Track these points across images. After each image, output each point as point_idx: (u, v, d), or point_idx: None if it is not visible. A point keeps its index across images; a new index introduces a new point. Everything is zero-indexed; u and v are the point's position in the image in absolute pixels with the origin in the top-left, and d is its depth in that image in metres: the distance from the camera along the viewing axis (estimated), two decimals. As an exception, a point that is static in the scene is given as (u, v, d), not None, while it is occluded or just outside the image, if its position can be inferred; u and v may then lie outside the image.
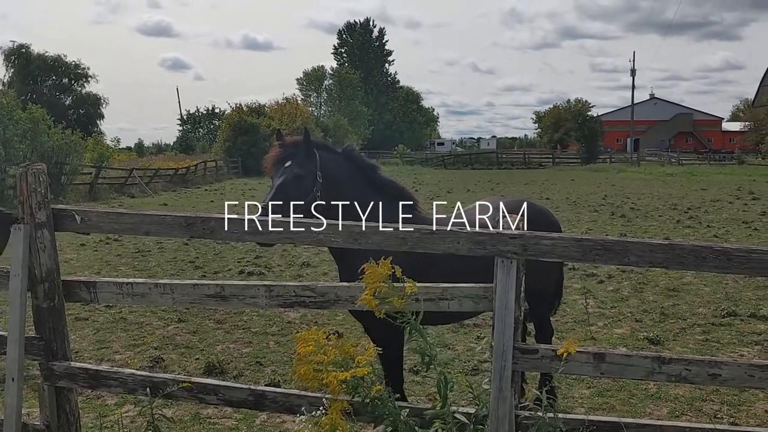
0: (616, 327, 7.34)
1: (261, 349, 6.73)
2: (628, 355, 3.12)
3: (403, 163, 62.67)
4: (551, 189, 29.81)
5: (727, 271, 3.01)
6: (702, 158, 61.43)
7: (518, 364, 3.12)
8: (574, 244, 3.00)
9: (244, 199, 25.51)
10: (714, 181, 35.25)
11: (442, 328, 6.91)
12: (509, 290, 3.04)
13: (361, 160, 4.36)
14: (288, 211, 3.82)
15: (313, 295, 3.30)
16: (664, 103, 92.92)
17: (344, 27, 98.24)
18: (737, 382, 3.12)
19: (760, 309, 7.88)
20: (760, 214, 18.14)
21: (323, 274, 10.39)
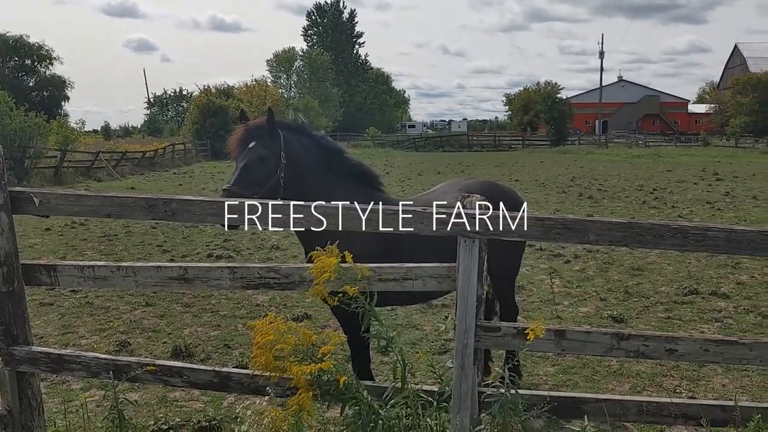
0: (581, 306, 7.47)
1: (229, 332, 6.71)
2: (588, 332, 3.18)
3: (375, 146, 62.54)
4: (521, 171, 30.05)
5: (684, 249, 3.08)
6: (668, 140, 62.47)
7: (481, 341, 3.16)
8: (535, 223, 3.04)
9: (213, 182, 25.27)
10: (680, 162, 35.87)
11: (410, 308, 6.97)
12: (472, 269, 3.07)
13: (326, 141, 4.34)
14: (252, 192, 3.80)
15: (277, 277, 3.29)
16: (631, 86, 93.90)
17: (314, 8, 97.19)
18: (693, 357, 3.20)
19: (720, 287, 8.08)
20: (723, 195, 18.53)
21: (293, 257, 10.37)
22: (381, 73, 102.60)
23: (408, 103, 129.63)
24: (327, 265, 3.10)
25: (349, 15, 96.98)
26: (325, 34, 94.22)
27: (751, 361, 3.16)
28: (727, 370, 5.40)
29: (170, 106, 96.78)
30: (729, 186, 21.24)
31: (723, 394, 5.00)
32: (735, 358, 3.17)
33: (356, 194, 4.02)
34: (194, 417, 4.59)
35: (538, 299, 7.73)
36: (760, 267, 9.10)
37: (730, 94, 69.82)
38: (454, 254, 3.20)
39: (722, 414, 3.20)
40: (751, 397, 4.93)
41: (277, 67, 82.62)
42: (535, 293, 7.99)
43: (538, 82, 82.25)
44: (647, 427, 4.29)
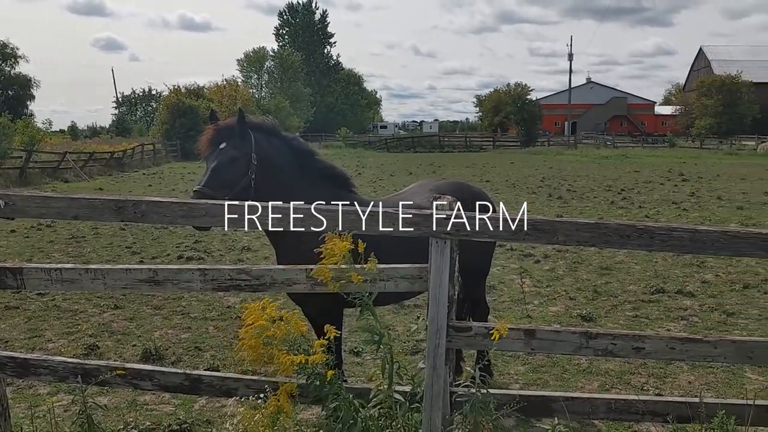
0: (551, 305, 7.56)
1: (200, 334, 6.65)
2: (558, 331, 3.23)
3: (346, 146, 62.47)
4: (491, 172, 30.27)
5: (650, 249, 3.14)
6: (635, 141, 63.43)
7: (452, 342, 3.19)
8: (504, 224, 3.08)
9: (183, 183, 25.01)
10: (646, 163, 36.48)
11: (382, 309, 6.99)
12: (443, 270, 3.09)
13: (297, 142, 4.33)
14: (223, 193, 3.78)
15: (248, 279, 3.28)
16: (600, 87, 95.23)
17: (286, 8, 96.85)
18: (660, 355, 3.27)
19: (686, 285, 8.24)
20: (689, 195, 18.90)
21: (264, 258, 10.31)
22: (352, 73, 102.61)
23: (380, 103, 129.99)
24: (339, 248, 3.07)
25: (321, 15, 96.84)
26: (296, 34, 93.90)
27: (715, 359, 3.24)
28: (693, 368, 5.52)
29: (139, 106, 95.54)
30: (694, 186, 21.67)
31: (689, 391, 5.10)
32: (700, 356, 3.25)
33: (328, 196, 4.02)
34: (165, 420, 4.54)
35: (509, 299, 7.80)
36: (724, 266, 9.30)
37: (695, 96, 71.17)
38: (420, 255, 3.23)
39: (688, 410, 3.27)
40: (715, 393, 5.04)
41: (247, 67, 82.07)
42: (506, 293, 8.07)
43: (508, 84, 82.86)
44: (616, 424, 4.36)
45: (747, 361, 3.30)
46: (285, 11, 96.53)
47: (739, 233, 3.03)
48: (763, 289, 8.08)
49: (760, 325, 6.75)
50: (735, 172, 28.95)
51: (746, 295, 7.90)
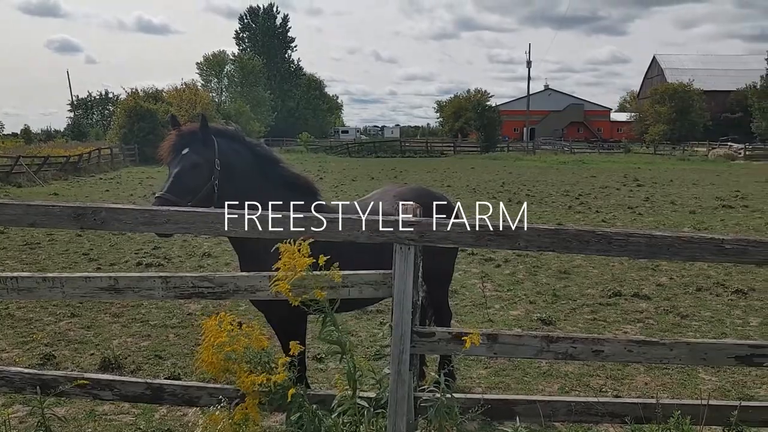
0: (511, 309, 7.66)
1: (160, 342, 6.56)
2: (519, 335, 3.28)
3: (308, 151, 62.22)
4: (452, 177, 30.51)
5: (608, 254, 3.21)
6: (592, 147, 64.76)
7: (416, 347, 3.21)
8: (468, 229, 3.12)
9: (141, 188, 24.59)
10: (603, 168, 37.25)
11: (345, 315, 6.99)
12: (407, 276, 3.12)
13: (261, 148, 4.31)
14: (185, 200, 3.74)
15: (211, 286, 3.25)
16: (557, 94, 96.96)
17: (247, 12, 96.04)
18: (618, 357, 3.35)
19: (642, 288, 8.44)
20: (643, 200, 19.37)
21: (225, 265, 10.21)
22: (314, 78, 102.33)
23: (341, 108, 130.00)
24: (300, 264, 3.05)
25: (282, 20, 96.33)
26: (257, 39, 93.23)
27: (671, 361, 3.33)
28: (649, 369, 5.65)
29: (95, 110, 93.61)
30: (649, 191, 22.22)
31: (645, 392, 5.23)
32: (656, 358, 3.33)
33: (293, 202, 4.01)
34: (124, 431, 4.46)
35: (471, 303, 7.88)
36: (678, 269, 9.55)
37: (649, 103, 73.04)
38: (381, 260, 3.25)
39: (645, 411, 3.36)
40: (671, 394, 5.18)
41: (207, 71, 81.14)
42: (468, 297, 8.14)
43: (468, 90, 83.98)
44: (576, 426, 4.44)
45: (701, 362, 3.40)
46: (245, 15, 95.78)
47: (692, 238, 3.12)
48: (715, 292, 8.33)
49: (713, 326, 6.96)
50: (687, 177, 29.78)
51: (699, 297, 8.13)
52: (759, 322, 7.11)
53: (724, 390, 5.25)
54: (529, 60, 74.32)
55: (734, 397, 5.04)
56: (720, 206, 17.80)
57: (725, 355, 3.28)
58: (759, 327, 6.96)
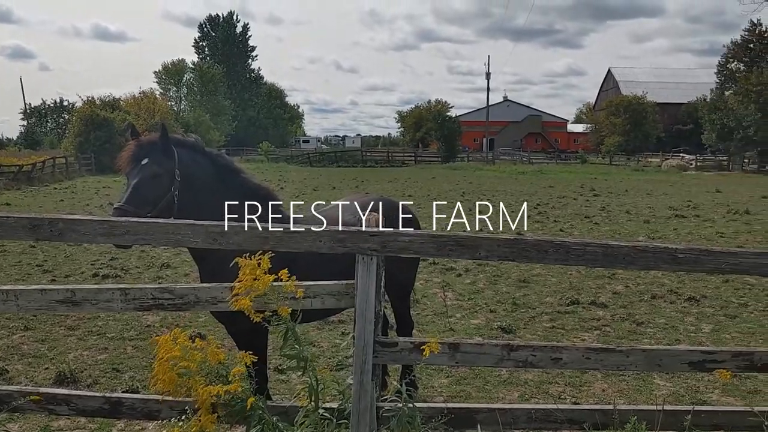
0: (472, 318, 7.73)
1: (118, 354, 6.43)
2: (480, 344, 3.33)
3: (268, 161, 61.83)
4: (413, 186, 30.67)
5: (566, 263, 3.28)
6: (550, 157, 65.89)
7: (379, 357, 3.23)
8: (429, 240, 3.15)
9: (98, 197, 24.09)
10: (560, 179, 37.90)
11: (307, 325, 6.96)
12: (369, 286, 3.13)
13: (222, 159, 4.29)
14: (144, 210, 3.69)
15: (171, 297, 3.22)
16: (516, 106, 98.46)
17: (206, 20, 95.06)
18: (576, 365, 3.42)
19: (599, 297, 8.62)
20: (600, 210, 19.76)
21: (184, 275, 10.07)
22: (274, 87, 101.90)
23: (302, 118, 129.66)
24: (262, 283, 3.03)
25: (242, 28, 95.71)
26: (216, 47, 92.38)
27: (627, 367, 3.41)
28: (606, 376, 5.77)
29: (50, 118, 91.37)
30: (605, 201, 22.70)
31: (603, 398, 5.33)
32: (613, 365, 3.41)
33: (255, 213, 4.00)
34: (80, 447, 4.36)
35: (432, 312, 7.92)
36: (633, 277, 9.77)
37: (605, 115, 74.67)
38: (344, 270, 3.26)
39: (603, 418, 3.43)
40: (628, 400, 5.29)
41: (166, 79, 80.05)
42: (429, 306, 8.19)
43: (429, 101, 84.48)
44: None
45: (656, 368, 3.49)
46: (205, 23, 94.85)
47: (647, 248, 3.22)
48: (669, 300, 8.54)
49: (667, 333, 7.14)
50: (642, 187, 30.51)
51: (654, 305, 8.33)
52: (711, 329, 7.31)
53: (678, 395, 5.39)
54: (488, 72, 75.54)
55: (688, 402, 5.18)
56: (673, 216, 18.27)
57: (679, 361, 3.38)
58: (711, 333, 7.16)
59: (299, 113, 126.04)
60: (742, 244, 13.41)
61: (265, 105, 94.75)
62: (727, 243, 13.47)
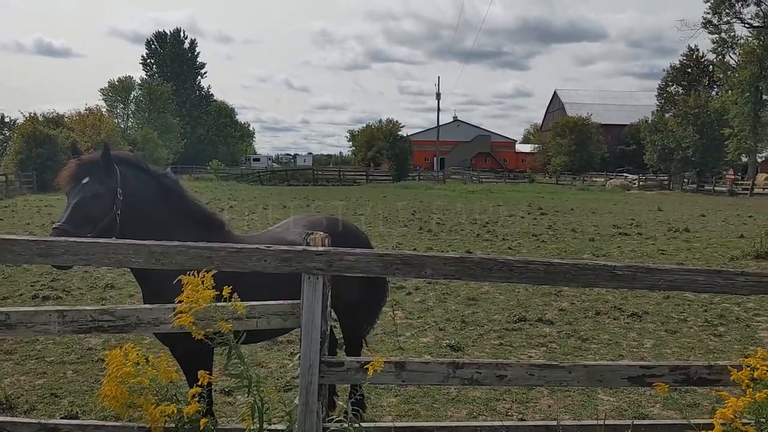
0: (422, 336, 7.76)
1: (57, 379, 6.21)
2: (426, 362, 3.35)
3: (218, 179, 61.09)
4: (365, 205, 30.71)
5: (510, 281, 3.35)
6: (499, 177, 67.16)
7: (325, 377, 3.21)
8: (375, 259, 3.17)
9: (39, 217, 23.34)
10: (509, 197, 38.57)
11: (255, 346, 6.87)
12: (315, 306, 3.13)
13: (167, 179, 4.22)
14: (85, 230, 3.61)
15: (112, 319, 3.14)
16: (465, 126, 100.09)
17: (154, 37, 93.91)
18: (521, 381, 3.47)
19: (545, 313, 8.76)
20: (547, 228, 20.17)
21: (129, 296, 9.82)
22: (224, 105, 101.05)
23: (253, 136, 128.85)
24: (203, 296, 2.98)
25: (190, 45, 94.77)
26: (165, 64, 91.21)
27: (570, 383, 3.48)
28: (553, 392, 5.85)
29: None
30: (552, 220, 23.17)
31: (549, 414, 5.41)
32: (557, 381, 3.47)
33: (197, 233, 3.94)
34: (15, 476, 4.18)
35: (382, 331, 7.92)
36: (578, 294, 9.98)
37: (551, 135, 76.58)
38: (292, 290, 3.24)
39: (547, 433, 3.49)
40: (572, 415, 5.38)
41: (113, 96, 78.53)
42: (379, 325, 8.16)
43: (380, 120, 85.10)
44: (483, 450, 4.52)
45: (598, 384, 3.57)
46: (152, 40, 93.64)
47: (587, 265, 3.30)
48: (612, 316, 8.75)
49: (610, 349, 7.30)
50: (587, 206, 31.29)
51: (598, 321, 8.52)
52: (652, 344, 7.52)
53: (620, 410, 5.51)
54: (438, 92, 76.72)
55: (630, 416, 5.29)
56: (617, 234, 18.77)
57: (619, 376, 3.47)
58: (652, 348, 7.36)
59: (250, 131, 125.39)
60: (682, 261, 13.87)
61: (215, 123, 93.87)
62: (668, 260, 13.90)
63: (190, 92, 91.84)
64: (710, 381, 3.48)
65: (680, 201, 39.11)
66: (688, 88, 72.26)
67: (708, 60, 71.71)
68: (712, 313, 8.95)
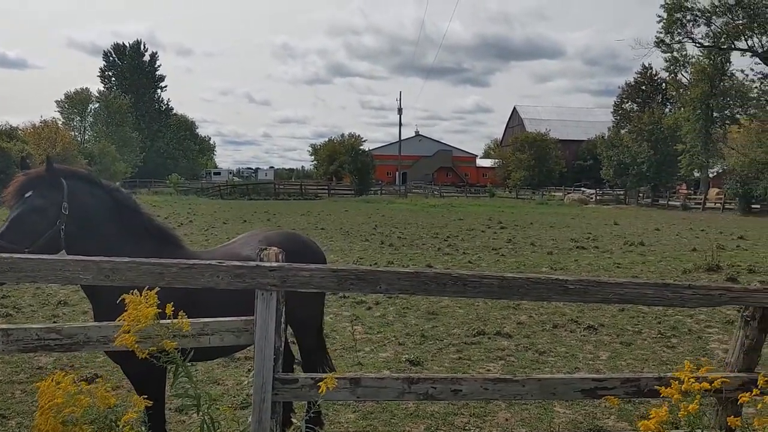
0: (381, 351, 7.74)
1: (5, 400, 6.01)
2: (381, 378, 3.34)
3: (178, 193, 60.28)
4: (326, 219, 30.64)
5: (465, 295, 3.37)
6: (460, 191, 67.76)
7: (279, 394, 3.18)
8: (330, 274, 3.16)
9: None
10: (470, 212, 38.93)
11: (211, 363, 6.77)
12: (269, 322, 3.10)
13: (118, 193, 4.14)
14: (23, 245, 3.51)
15: (59, 338, 3.06)
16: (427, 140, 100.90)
17: (112, 49, 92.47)
18: (476, 396, 3.49)
19: (504, 327, 8.84)
20: (506, 242, 20.39)
21: (83, 314, 9.58)
22: (185, 118, 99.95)
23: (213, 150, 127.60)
24: (144, 315, 2.92)
25: (150, 58, 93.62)
26: (123, 77, 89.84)
27: (524, 396, 3.52)
28: (510, 405, 5.89)
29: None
30: (511, 234, 23.44)
31: (506, 428, 5.44)
32: (511, 394, 3.50)
33: (150, 249, 3.88)
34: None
35: (341, 347, 7.88)
36: (536, 307, 10.09)
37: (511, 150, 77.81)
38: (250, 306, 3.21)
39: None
40: (529, 429, 5.42)
41: (69, 109, 76.95)
42: (338, 340, 8.15)
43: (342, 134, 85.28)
44: (440, 465, 4.53)
45: (551, 397, 3.61)
46: (111, 52, 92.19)
47: (539, 279, 3.35)
48: (569, 329, 8.87)
49: (567, 362, 7.39)
50: (546, 220, 31.78)
51: (555, 334, 8.62)
52: (608, 356, 7.64)
53: (576, 422, 5.57)
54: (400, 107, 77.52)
55: (585, 428, 5.36)
56: (574, 247, 19.08)
57: (572, 389, 3.51)
58: (608, 360, 7.48)
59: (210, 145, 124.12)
60: (637, 274, 14.15)
61: (175, 136, 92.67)
62: (623, 273, 14.17)
63: (149, 105, 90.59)
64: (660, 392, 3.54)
65: (636, 215, 40.00)
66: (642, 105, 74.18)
67: (661, 78, 73.76)
68: (666, 325, 9.14)
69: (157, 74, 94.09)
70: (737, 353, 3.61)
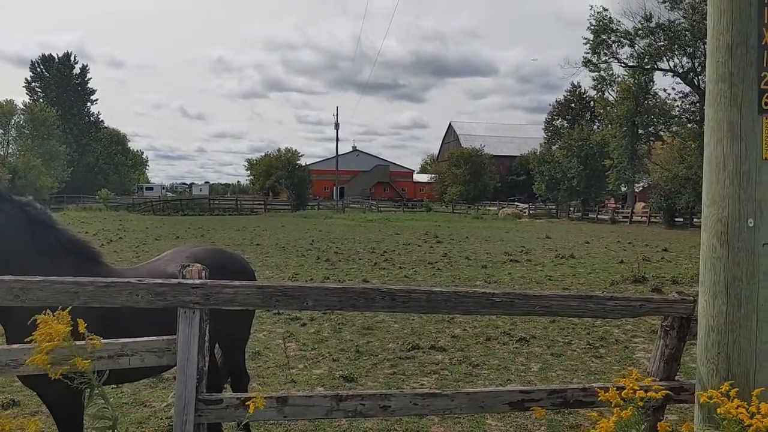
0: (315, 368, 7.65)
1: None
2: (309, 396, 3.28)
3: (108, 209, 58.43)
4: (262, 235, 30.24)
5: (394, 310, 3.36)
6: (397, 206, 68.28)
7: (202, 416, 3.08)
8: (255, 291, 3.09)
9: None
10: (407, 226, 39.18)
11: (138, 384, 6.53)
12: (191, 341, 3.01)
13: (32, 209, 3.95)
14: None
15: (-36, 363, 2.88)
16: (364, 155, 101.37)
17: (39, 60, 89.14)
18: (404, 412, 3.46)
19: (438, 341, 8.88)
20: (442, 256, 20.58)
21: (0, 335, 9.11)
22: (116, 132, 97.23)
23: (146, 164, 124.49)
24: (56, 332, 2.77)
25: (81, 70, 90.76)
26: (50, 89, 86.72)
27: (453, 411, 3.51)
28: (443, 420, 5.89)
29: None
30: (447, 248, 23.69)
31: (439, 441, 5.44)
32: (440, 409, 3.49)
33: (68, 266, 3.71)
34: None
35: (274, 364, 7.74)
36: (470, 321, 10.19)
37: (447, 165, 78.98)
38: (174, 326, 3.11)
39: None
40: (461, 441, 5.43)
41: (-9, 121, 73.67)
42: (271, 358, 8.00)
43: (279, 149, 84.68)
44: (372, 482, 4.48)
45: (480, 410, 3.62)
46: (38, 63, 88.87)
47: (467, 293, 3.36)
48: (502, 341, 8.98)
49: (500, 374, 7.48)
50: (481, 234, 32.27)
51: (489, 346, 8.72)
52: (539, 368, 7.76)
53: (508, 434, 5.63)
54: (336, 122, 77.10)
55: (516, 439, 5.41)
56: (508, 260, 19.43)
57: (500, 402, 3.53)
58: (539, 372, 7.60)
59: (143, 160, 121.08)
60: (567, 286, 14.51)
61: (106, 151, 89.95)
62: (555, 285, 14.50)
63: (78, 118, 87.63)
64: (586, 403, 3.61)
65: (567, 228, 41.13)
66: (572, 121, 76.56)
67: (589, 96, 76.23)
68: (594, 336, 9.38)
69: (88, 87, 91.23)
70: (658, 362, 3.71)
